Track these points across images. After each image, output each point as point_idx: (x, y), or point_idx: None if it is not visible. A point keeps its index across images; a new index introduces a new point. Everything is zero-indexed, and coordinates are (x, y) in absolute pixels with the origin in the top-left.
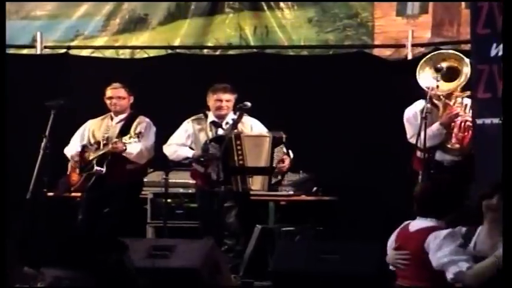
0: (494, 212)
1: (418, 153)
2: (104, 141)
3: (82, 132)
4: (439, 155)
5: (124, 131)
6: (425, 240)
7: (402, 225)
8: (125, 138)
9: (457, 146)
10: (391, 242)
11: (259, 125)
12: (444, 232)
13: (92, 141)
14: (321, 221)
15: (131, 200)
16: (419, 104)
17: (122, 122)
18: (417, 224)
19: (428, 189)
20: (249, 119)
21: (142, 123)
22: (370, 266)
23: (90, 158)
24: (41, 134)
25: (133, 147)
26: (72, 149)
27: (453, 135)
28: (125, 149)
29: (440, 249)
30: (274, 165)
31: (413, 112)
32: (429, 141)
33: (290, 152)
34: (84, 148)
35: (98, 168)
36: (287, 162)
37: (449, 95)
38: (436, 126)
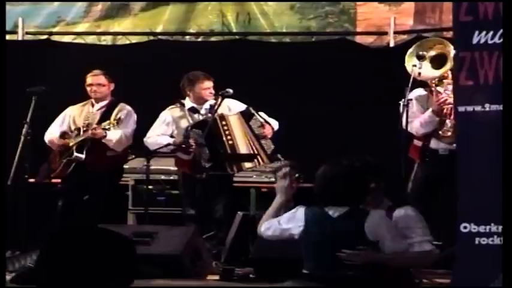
0: None
1: (415, 141)
2: (84, 128)
3: (62, 119)
4: (434, 143)
5: (104, 117)
6: None
7: None
8: (104, 124)
9: (449, 133)
10: None
11: (236, 104)
12: None
13: (73, 127)
14: None
15: (111, 187)
16: (416, 92)
17: (103, 109)
18: None
19: None
20: (224, 101)
21: (123, 110)
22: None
23: (70, 144)
24: (22, 120)
25: (113, 133)
26: (51, 135)
27: (446, 122)
28: (105, 136)
29: None
30: (257, 137)
31: (408, 100)
32: (422, 128)
33: (272, 120)
34: (64, 134)
35: (78, 154)
36: (268, 128)
37: (440, 82)
38: (427, 113)
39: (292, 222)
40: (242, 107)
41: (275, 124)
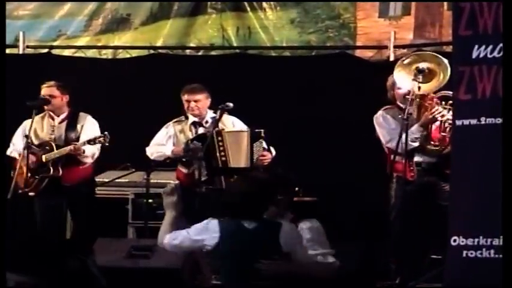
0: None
1: (397, 158)
2: (55, 142)
3: (23, 132)
4: (416, 157)
5: (70, 130)
6: None
7: None
8: (83, 143)
9: (437, 147)
10: None
11: (240, 122)
12: None
13: (36, 141)
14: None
15: (90, 199)
16: (387, 108)
17: (65, 121)
18: None
19: None
20: (229, 118)
21: (86, 122)
22: (351, 264)
23: (44, 160)
24: (23, 134)
25: (89, 149)
26: (19, 150)
27: (432, 136)
28: (83, 152)
29: None
30: (254, 160)
31: (382, 116)
32: (412, 143)
33: (272, 148)
34: (30, 149)
35: (55, 171)
36: (268, 156)
37: (423, 96)
38: (416, 128)
39: (205, 233)
40: (245, 127)
41: (273, 152)
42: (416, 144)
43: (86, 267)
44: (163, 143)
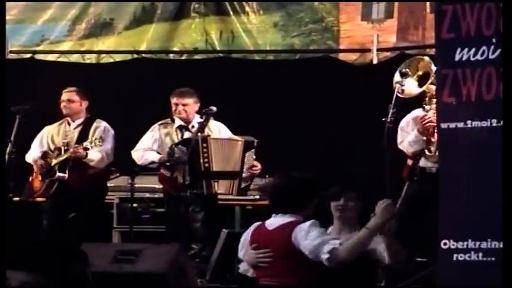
0: (341, 212)
1: (408, 161)
2: (65, 147)
3: (41, 139)
4: (422, 162)
5: (82, 135)
6: (289, 235)
7: (255, 225)
8: (86, 144)
9: (432, 152)
10: (245, 243)
11: (226, 129)
12: (307, 222)
13: (52, 147)
14: None
15: (95, 205)
16: (415, 112)
17: (80, 127)
18: (275, 221)
19: (281, 185)
20: (216, 123)
21: (100, 127)
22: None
23: (52, 164)
24: (6, 139)
25: (94, 153)
26: (33, 155)
27: (432, 141)
28: (86, 156)
29: (308, 235)
30: (244, 169)
31: (406, 120)
32: (411, 147)
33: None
34: (44, 154)
35: (60, 174)
36: (259, 167)
37: (430, 100)
38: (414, 132)
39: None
40: (231, 134)
41: None
42: (416, 148)
43: (85, 274)
44: (150, 148)
